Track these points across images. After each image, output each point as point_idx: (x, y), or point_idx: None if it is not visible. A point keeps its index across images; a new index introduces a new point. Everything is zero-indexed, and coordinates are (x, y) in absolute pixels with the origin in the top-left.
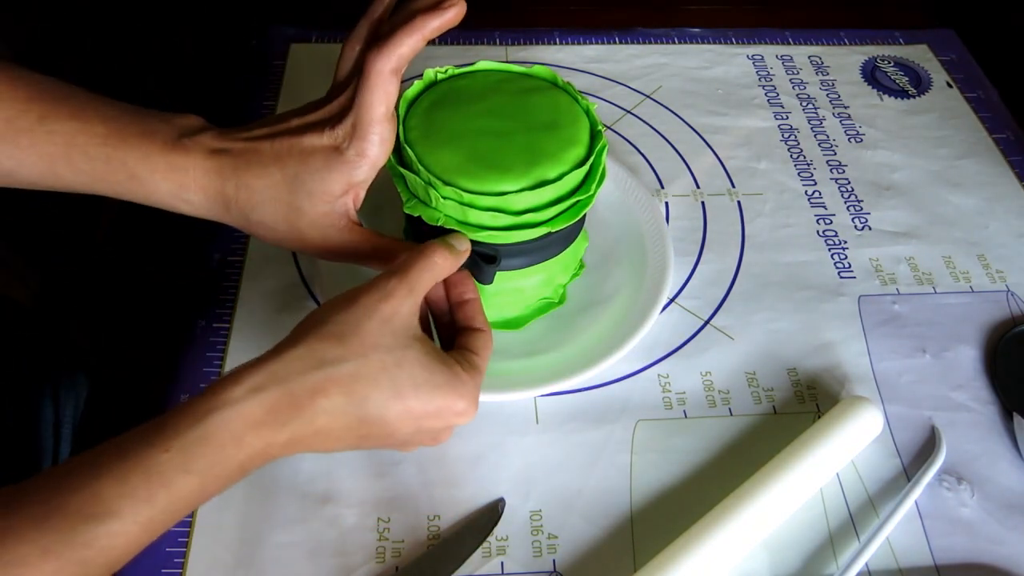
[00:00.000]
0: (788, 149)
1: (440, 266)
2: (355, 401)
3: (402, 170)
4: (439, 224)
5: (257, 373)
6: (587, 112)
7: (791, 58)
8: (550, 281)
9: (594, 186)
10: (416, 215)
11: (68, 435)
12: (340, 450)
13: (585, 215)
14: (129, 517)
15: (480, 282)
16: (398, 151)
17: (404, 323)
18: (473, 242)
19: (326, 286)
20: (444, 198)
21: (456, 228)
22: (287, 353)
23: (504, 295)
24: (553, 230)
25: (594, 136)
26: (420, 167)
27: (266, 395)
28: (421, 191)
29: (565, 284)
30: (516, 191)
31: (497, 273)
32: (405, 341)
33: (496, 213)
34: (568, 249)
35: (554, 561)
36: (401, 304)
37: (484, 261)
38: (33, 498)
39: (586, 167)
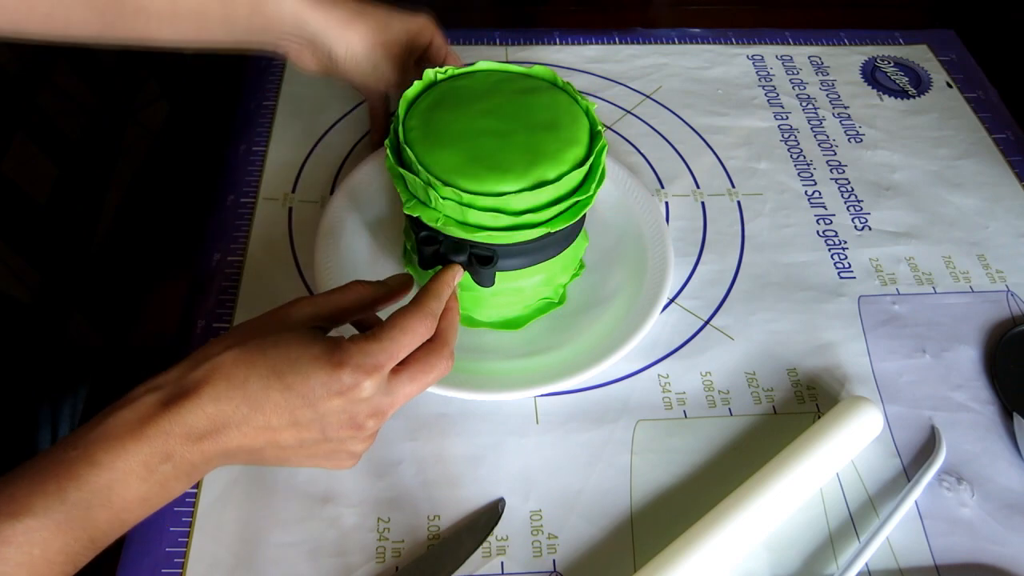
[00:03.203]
0: (788, 149)
1: (357, 293)
2: (236, 384)
3: (401, 170)
4: (438, 224)
5: (158, 378)
6: (587, 112)
7: (791, 58)
8: (550, 281)
9: (593, 186)
10: (415, 215)
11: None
12: (263, 454)
13: (585, 215)
14: (41, 514)
15: (480, 285)
16: (397, 151)
17: (292, 319)
18: (470, 243)
19: (320, 286)
20: (443, 198)
21: (455, 228)
22: (185, 360)
23: (504, 295)
24: (552, 230)
25: (594, 136)
26: (419, 167)
27: (161, 392)
28: (420, 191)
29: (565, 284)
30: (515, 192)
31: (497, 273)
32: (287, 328)
33: (495, 213)
34: (568, 249)
35: (554, 561)
36: (298, 310)
37: (480, 264)
38: None
39: (586, 167)
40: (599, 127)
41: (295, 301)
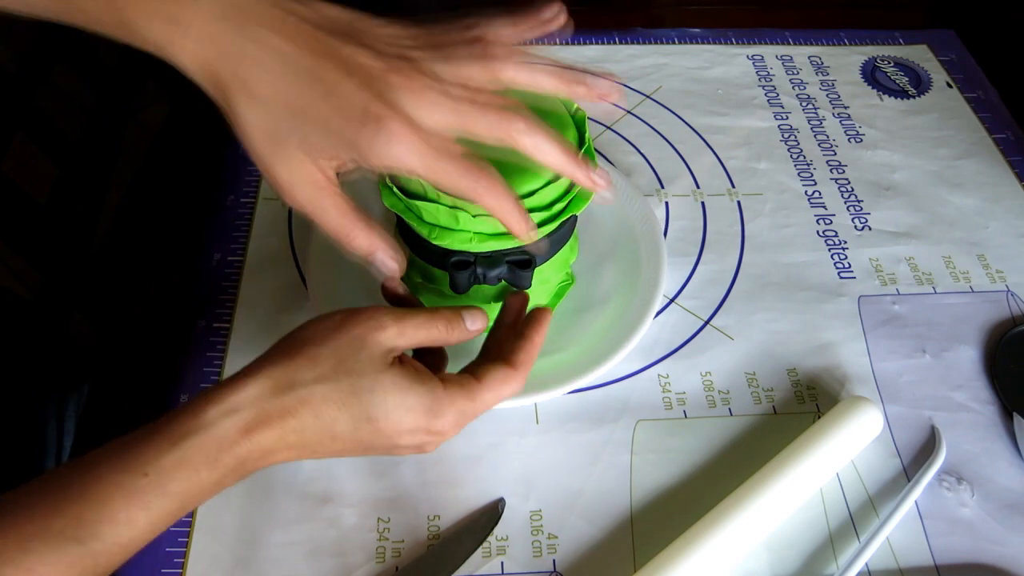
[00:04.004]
0: (788, 149)
1: (440, 331)
2: (325, 423)
3: (417, 203)
4: (471, 245)
5: (233, 394)
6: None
7: (791, 58)
8: (564, 263)
9: (593, 156)
10: (443, 245)
11: (70, 437)
12: (320, 457)
13: None
14: (110, 539)
15: (521, 288)
16: (401, 187)
17: (382, 351)
18: (505, 253)
19: (315, 289)
20: (475, 216)
21: (491, 242)
22: (263, 372)
23: (531, 293)
24: (577, 211)
25: (574, 113)
26: (438, 194)
27: (239, 416)
28: (444, 218)
29: (571, 262)
30: (543, 185)
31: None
32: (381, 367)
33: (530, 213)
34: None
35: (554, 561)
36: (387, 339)
37: (521, 268)
38: (19, 515)
39: (588, 140)
40: (570, 102)
41: (383, 326)
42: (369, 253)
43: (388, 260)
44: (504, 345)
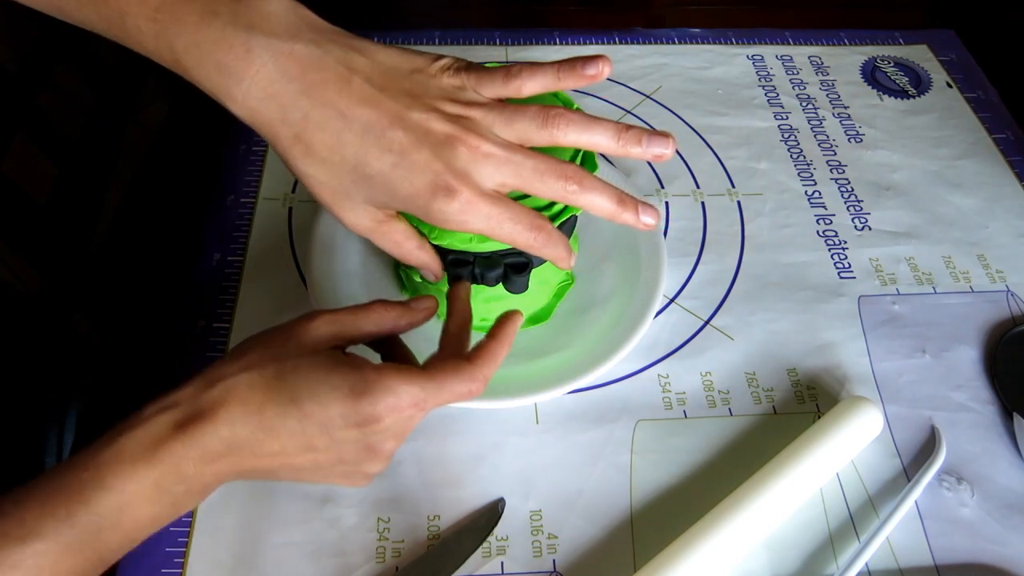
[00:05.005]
0: (788, 149)
1: (380, 315)
2: (252, 410)
3: None
4: (471, 245)
5: (171, 394)
6: (555, 93)
7: (791, 58)
8: None
9: (593, 155)
10: (444, 244)
11: (70, 436)
12: (277, 474)
13: None
14: (51, 537)
15: (516, 292)
16: None
17: (311, 339)
18: (503, 254)
19: (315, 289)
20: None
21: (490, 242)
22: (200, 374)
23: (532, 293)
24: (578, 212)
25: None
26: None
27: (173, 412)
28: None
29: None
30: None
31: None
32: (306, 351)
33: None
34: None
35: (554, 561)
36: (316, 328)
37: (516, 272)
38: None
39: None
40: (563, 95)
41: (313, 317)
42: (423, 266)
43: (435, 271)
44: (460, 339)
